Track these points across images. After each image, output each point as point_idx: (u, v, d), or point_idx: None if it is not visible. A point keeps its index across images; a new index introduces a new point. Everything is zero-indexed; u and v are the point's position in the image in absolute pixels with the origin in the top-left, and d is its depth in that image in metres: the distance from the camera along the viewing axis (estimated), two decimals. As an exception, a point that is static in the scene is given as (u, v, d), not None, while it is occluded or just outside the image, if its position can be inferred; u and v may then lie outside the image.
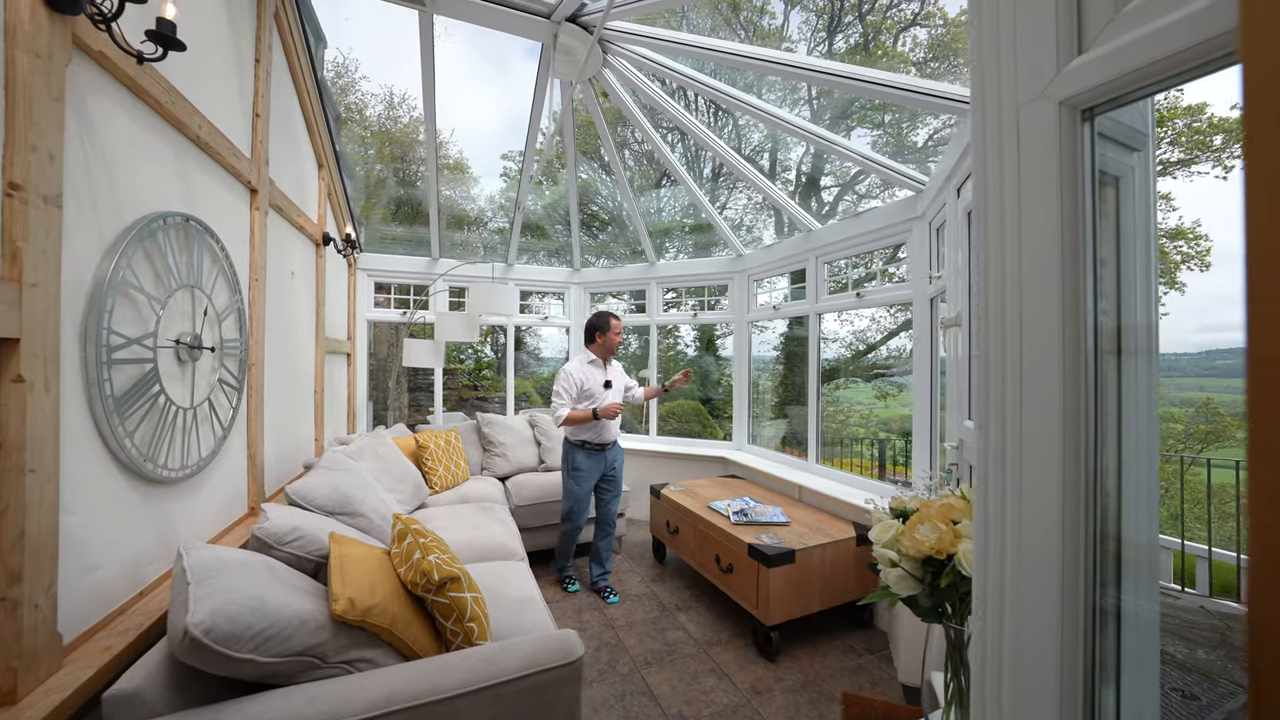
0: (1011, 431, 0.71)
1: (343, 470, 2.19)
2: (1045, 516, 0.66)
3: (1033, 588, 0.68)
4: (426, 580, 1.32)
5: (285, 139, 2.43)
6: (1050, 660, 0.65)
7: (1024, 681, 0.68)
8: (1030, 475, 0.69)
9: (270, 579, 1.27)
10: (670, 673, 2.26)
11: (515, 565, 2.21)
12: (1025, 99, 0.70)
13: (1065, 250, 0.66)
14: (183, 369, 1.59)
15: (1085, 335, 0.65)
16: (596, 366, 2.99)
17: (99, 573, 1.24)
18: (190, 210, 1.60)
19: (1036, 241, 0.70)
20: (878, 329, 9.66)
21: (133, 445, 1.34)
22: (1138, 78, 0.59)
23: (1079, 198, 0.66)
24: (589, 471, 2.91)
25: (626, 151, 9.87)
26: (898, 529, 0.96)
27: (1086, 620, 0.64)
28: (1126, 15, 0.60)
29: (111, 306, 1.25)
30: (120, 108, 1.30)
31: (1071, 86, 0.64)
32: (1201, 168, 6.68)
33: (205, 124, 1.65)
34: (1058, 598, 0.65)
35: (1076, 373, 0.65)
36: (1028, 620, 0.68)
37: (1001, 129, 0.74)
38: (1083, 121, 0.66)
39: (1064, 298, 0.66)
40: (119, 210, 1.30)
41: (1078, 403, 0.65)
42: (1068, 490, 0.65)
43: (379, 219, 5.85)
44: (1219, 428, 8.60)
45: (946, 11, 8.84)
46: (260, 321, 2.09)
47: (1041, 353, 0.68)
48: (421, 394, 7.37)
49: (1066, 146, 0.66)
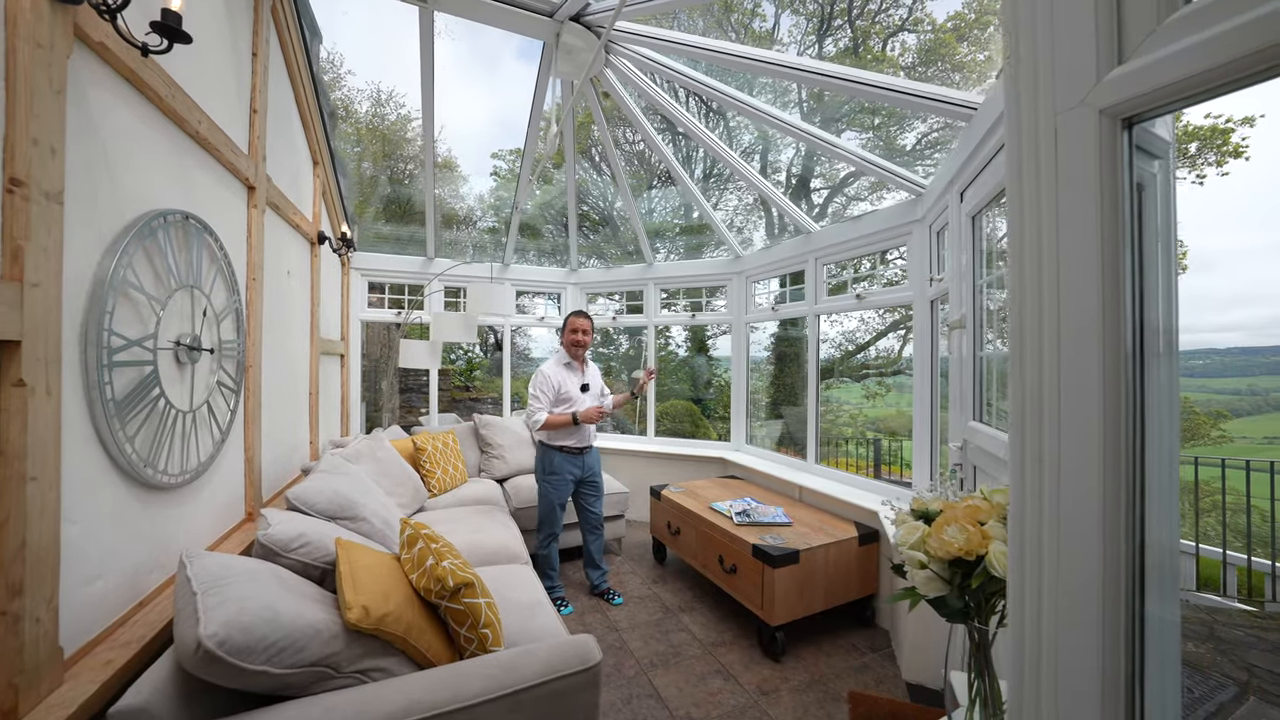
0: (1049, 433, 0.71)
1: (342, 474, 2.15)
2: (1084, 519, 0.67)
3: (1072, 591, 0.68)
4: (441, 586, 1.29)
5: (281, 135, 2.37)
6: (1092, 664, 0.66)
7: (1064, 685, 0.68)
8: (1069, 477, 0.69)
9: (280, 587, 1.24)
10: (676, 675, 2.25)
11: (520, 569, 2.19)
12: (1064, 107, 0.71)
13: (1105, 255, 0.67)
14: (182, 371, 1.54)
15: (1125, 340, 0.66)
16: (573, 370, 2.89)
17: (99, 583, 1.19)
18: (189, 208, 1.55)
19: (1075, 246, 0.70)
20: (867, 329, 9.77)
21: (133, 450, 1.29)
22: (1181, 88, 0.60)
23: (1119, 204, 0.67)
24: (567, 476, 2.80)
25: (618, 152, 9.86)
26: (924, 531, 0.97)
27: (1128, 625, 0.65)
28: (1169, 27, 0.60)
29: (112, 307, 1.20)
30: (121, 101, 1.26)
31: (1112, 95, 0.65)
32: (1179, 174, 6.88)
33: (205, 119, 1.60)
34: (1098, 601, 0.65)
35: (1117, 377, 0.66)
36: (1067, 624, 0.68)
37: (1039, 136, 0.74)
38: (1123, 130, 0.67)
39: (1104, 303, 0.66)
40: (119, 208, 1.26)
41: (1118, 406, 0.65)
42: (1108, 492, 0.65)
43: (370, 217, 5.75)
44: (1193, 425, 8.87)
45: (934, 17, 8.98)
46: (258, 322, 2.04)
47: (1080, 356, 0.69)
48: (413, 395, 7.27)
49: (1107, 154, 0.67)
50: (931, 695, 2.13)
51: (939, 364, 2.62)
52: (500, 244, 8.63)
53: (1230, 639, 2.37)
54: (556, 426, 2.74)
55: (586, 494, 2.93)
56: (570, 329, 2.88)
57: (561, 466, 2.80)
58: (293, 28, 2.40)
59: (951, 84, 8.42)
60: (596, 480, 2.95)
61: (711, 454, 4.13)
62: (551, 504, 2.81)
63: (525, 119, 3.18)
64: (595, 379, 3.00)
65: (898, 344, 9.74)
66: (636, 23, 2.67)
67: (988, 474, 1.81)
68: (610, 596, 2.90)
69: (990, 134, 1.66)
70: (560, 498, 2.82)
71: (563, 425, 2.73)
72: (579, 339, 2.87)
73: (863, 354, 9.91)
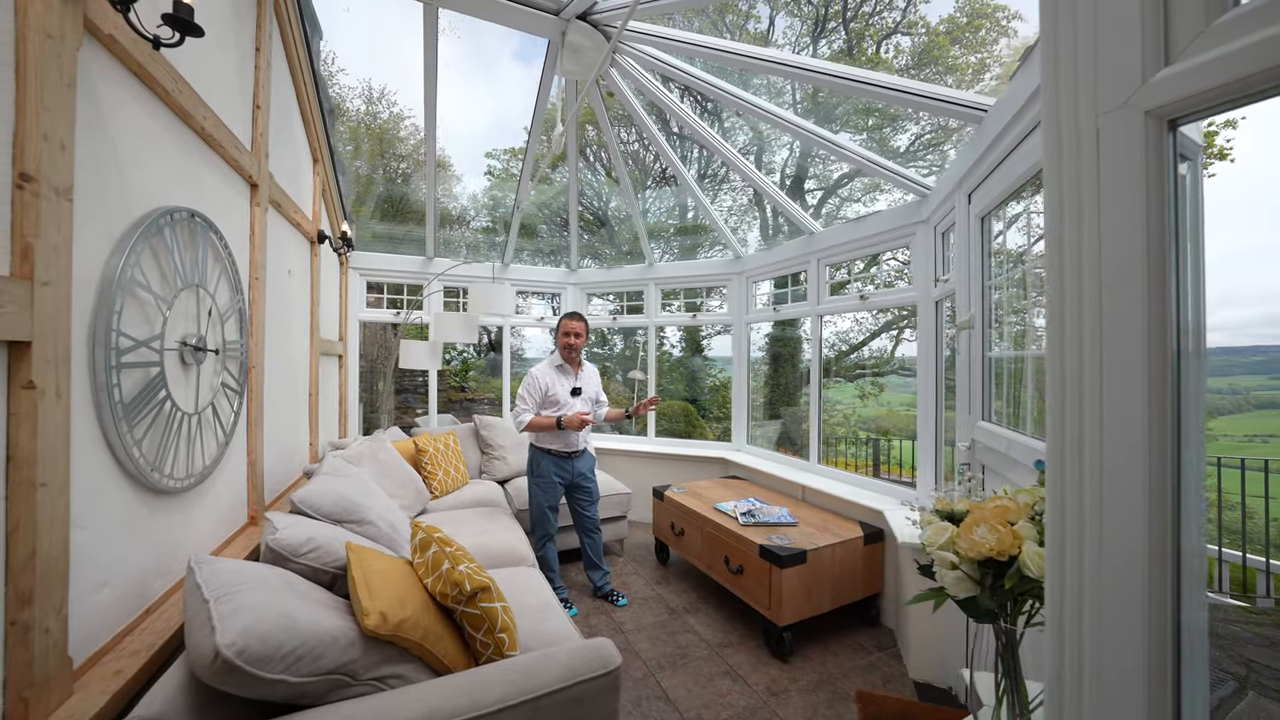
0: (1090, 434, 0.71)
1: (345, 476, 2.12)
2: (1128, 520, 0.67)
3: (1116, 591, 0.68)
4: (458, 591, 1.28)
5: (283, 132, 2.33)
6: (1137, 664, 0.66)
7: (1106, 686, 0.68)
8: (1111, 477, 0.69)
9: (293, 594, 1.21)
10: (685, 676, 2.25)
11: (528, 571, 2.17)
12: (1106, 108, 0.71)
13: (1151, 255, 0.67)
14: (187, 373, 1.50)
15: (1170, 340, 0.66)
16: (565, 372, 2.83)
17: (107, 591, 1.16)
18: (195, 206, 1.51)
19: (1118, 246, 0.70)
20: (861, 330, 9.85)
21: (140, 454, 1.26)
22: (1230, 90, 0.60)
23: (1164, 205, 0.67)
24: (554, 480, 2.75)
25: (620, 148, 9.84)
26: (954, 532, 0.97)
27: (1173, 625, 0.65)
28: (1219, 28, 0.61)
29: (121, 307, 1.17)
30: (130, 96, 1.23)
31: (1159, 97, 0.65)
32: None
33: (210, 115, 1.56)
34: (1143, 601, 0.65)
35: (1163, 380, 0.66)
36: (1110, 624, 0.68)
37: (1079, 137, 0.74)
38: (1168, 131, 0.67)
39: (1149, 303, 0.66)
40: (127, 205, 1.22)
41: (1164, 407, 0.66)
42: (1154, 493, 0.65)
43: (364, 216, 5.69)
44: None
45: (928, 20, 9.07)
46: (260, 323, 2.00)
47: (1123, 358, 0.69)
48: (410, 395, 7.20)
49: (1153, 155, 0.67)
50: (940, 694, 2.14)
51: (943, 365, 2.64)
52: (494, 244, 8.55)
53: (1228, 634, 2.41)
54: (540, 429, 2.68)
55: (579, 498, 2.87)
56: (563, 331, 2.81)
57: (547, 469, 2.76)
58: (294, 22, 2.36)
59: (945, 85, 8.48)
60: (588, 485, 2.88)
61: (712, 454, 4.13)
62: (541, 506, 2.78)
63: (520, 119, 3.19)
64: (591, 383, 2.92)
65: (890, 344, 9.83)
66: (643, 21, 2.66)
67: (997, 473, 1.83)
68: (614, 598, 2.86)
69: (1002, 136, 1.67)
70: (549, 500, 2.78)
71: (546, 428, 2.67)
72: (571, 341, 2.80)
73: (856, 354, 9.98)
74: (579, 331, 2.83)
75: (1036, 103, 1.44)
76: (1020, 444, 1.54)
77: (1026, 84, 1.47)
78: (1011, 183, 1.63)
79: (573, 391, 2.80)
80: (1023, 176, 1.56)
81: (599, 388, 3.00)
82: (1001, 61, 8.17)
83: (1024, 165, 1.53)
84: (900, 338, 9.81)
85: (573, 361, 2.85)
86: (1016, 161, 1.60)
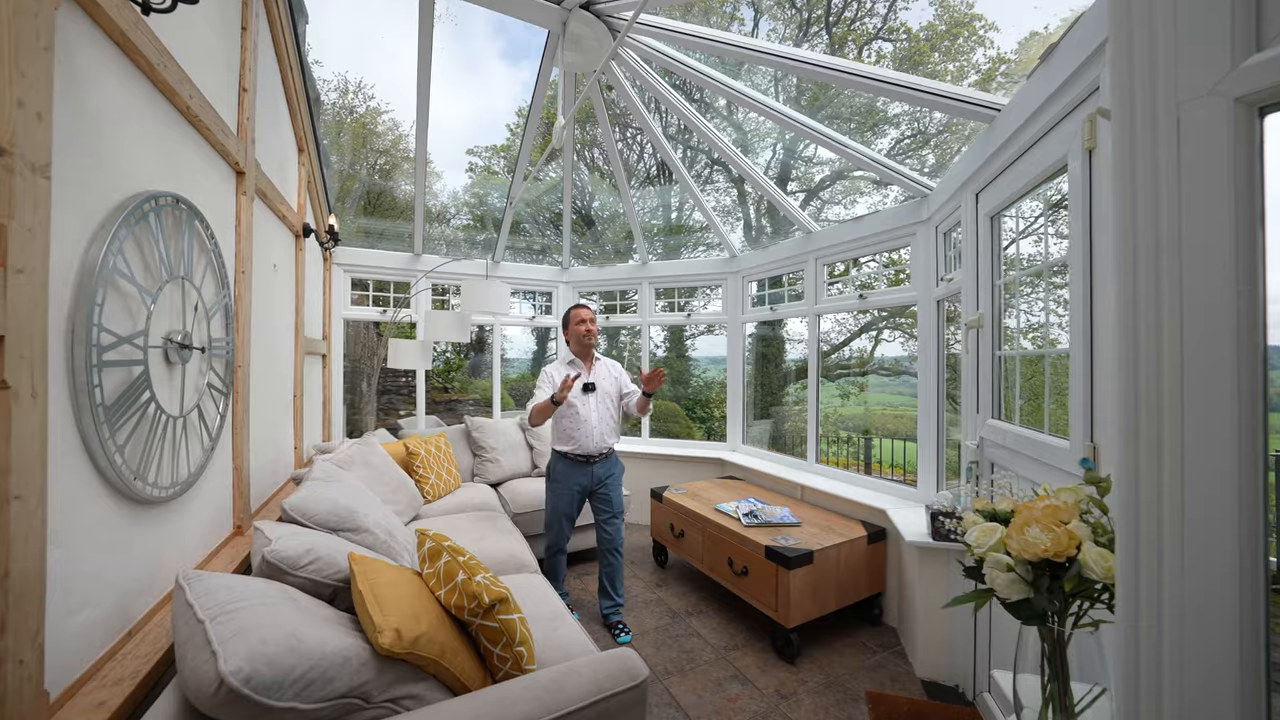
0: (1169, 438, 0.69)
1: (338, 482, 2.01)
2: (1216, 520, 0.64)
3: (1203, 595, 0.66)
4: (476, 603, 1.20)
5: (268, 118, 2.20)
6: (1230, 672, 0.63)
7: (1191, 694, 0.66)
8: (1195, 479, 0.67)
9: (296, 611, 1.12)
10: (693, 681, 2.20)
11: (533, 579, 2.09)
12: (1189, 96, 0.68)
13: (1240, 244, 0.65)
14: (171, 372, 1.39)
15: (1259, 335, 0.64)
16: (577, 367, 2.66)
17: (86, 614, 1.05)
18: (180, 191, 1.40)
19: (1202, 235, 0.68)
20: (841, 330, 9.99)
21: (123, 461, 1.14)
22: (1330, 74, 0.58)
23: (1254, 194, 0.65)
24: (567, 482, 2.56)
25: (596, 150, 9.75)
26: (1003, 532, 0.94)
27: (1265, 630, 0.63)
28: (1318, 11, 0.59)
29: (102, 299, 1.06)
30: (110, 68, 1.11)
31: (1249, 83, 0.63)
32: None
33: (196, 94, 1.45)
34: (1234, 606, 0.63)
35: (1254, 376, 0.64)
36: (1195, 631, 0.66)
37: (1156, 127, 0.72)
38: (1258, 118, 0.65)
39: (1239, 294, 0.64)
40: (108, 187, 1.11)
41: (1255, 407, 0.63)
42: (1244, 493, 0.63)
43: (347, 211, 5.49)
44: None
45: (910, 26, 9.26)
46: (246, 319, 1.88)
47: (1209, 352, 0.66)
48: (393, 396, 6.97)
49: (1242, 143, 0.65)
50: (948, 692, 2.14)
51: (944, 363, 2.66)
52: (474, 241, 8.37)
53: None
54: (539, 415, 2.42)
55: (599, 508, 2.64)
56: (576, 320, 2.62)
57: (564, 474, 2.57)
58: (281, 4, 2.23)
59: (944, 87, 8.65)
60: (609, 494, 2.62)
61: (708, 454, 4.10)
62: (557, 513, 2.58)
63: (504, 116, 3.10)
64: (607, 378, 2.68)
65: (870, 344, 10.00)
66: (647, 12, 2.60)
67: (1007, 468, 1.83)
68: (617, 630, 2.54)
69: (1017, 135, 1.67)
70: (565, 508, 2.57)
71: (544, 410, 2.41)
72: (588, 328, 2.61)
73: (836, 354, 10.12)
74: (591, 318, 2.65)
75: (1059, 100, 1.44)
76: (1041, 442, 1.54)
77: (1048, 81, 1.47)
78: (1029, 180, 1.63)
79: (585, 388, 2.60)
80: (1041, 174, 1.57)
81: (620, 381, 2.74)
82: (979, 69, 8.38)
83: (1045, 163, 1.53)
84: (879, 338, 9.99)
85: (586, 356, 2.68)
86: (1034, 160, 1.60)
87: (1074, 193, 1.37)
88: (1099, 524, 0.92)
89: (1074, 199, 1.37)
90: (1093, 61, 1.28)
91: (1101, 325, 1.27)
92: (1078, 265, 1.35)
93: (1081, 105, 1.36)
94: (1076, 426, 1.34)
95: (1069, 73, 1.36)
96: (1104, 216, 1.26)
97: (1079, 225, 1.34)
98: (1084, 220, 1.33)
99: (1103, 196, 1.27)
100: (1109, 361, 1.17)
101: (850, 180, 9.12)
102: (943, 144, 8.40)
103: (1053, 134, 1.51)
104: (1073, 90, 1.37)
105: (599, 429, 2.57)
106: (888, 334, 9.88)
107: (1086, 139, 1.31)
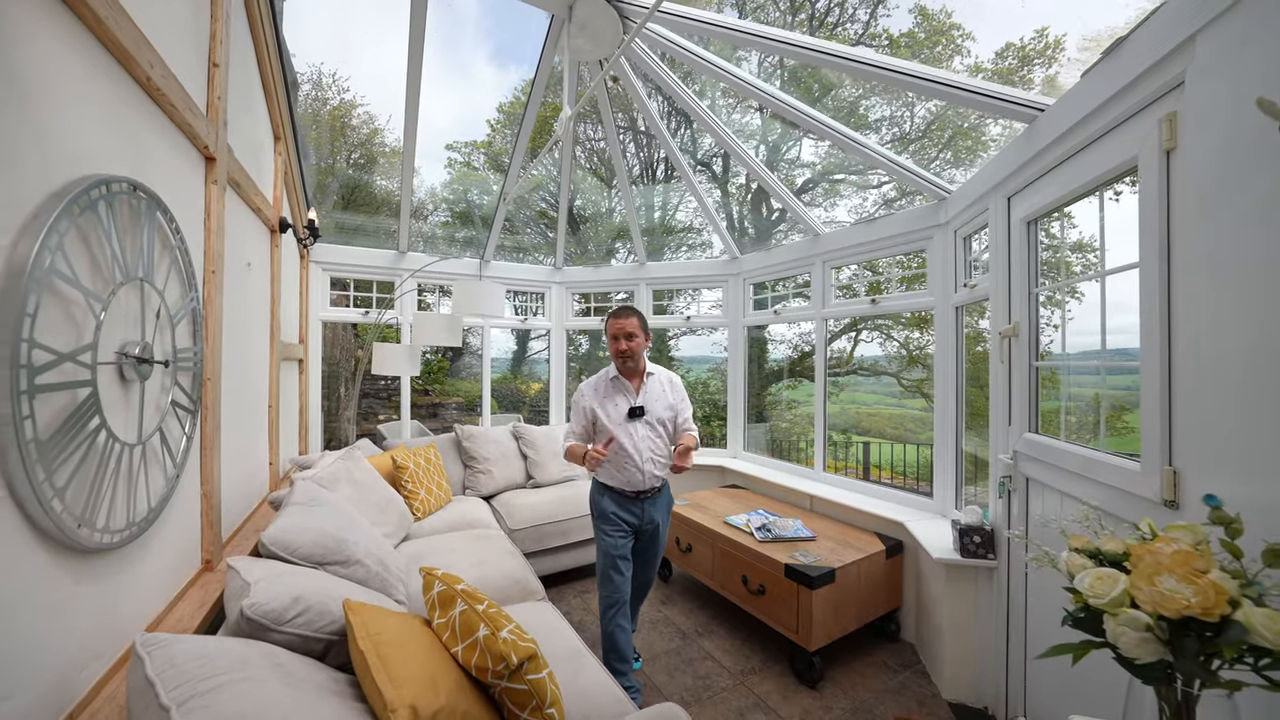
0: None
1: (321, 505, 1.80)
2: None
3: None
4: (504, 665, 1.03)
5: (242, 100, 1.96)
6: None
7: None
8: None
9: (284, 684, 0.93)
10: (713, 712, 2.06)
11: (542, 608, 1.92)
12: None
13: None
14: (127, 391, 1.17)
15: None
16: (619, 387, 2.09)
17: (9, 705, 0.84)
18: (138, 177, 1.18)
19: None
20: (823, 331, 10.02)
21: (63, 508, 0.93)
22: None
23: None
24: (620, 524, 2.06)
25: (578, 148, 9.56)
26: (1128, 582, 0.82)
27: None
28: None
29: (35, 308, 0.85)
30: (47, 22, 0.90)
31: None
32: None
33: (158, 62, 1.23)
34: None
35: None
36: None
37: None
38: None
39: None
40: (46, 170, 0.90)
41: None
42: None
43: (328, 205, 5.18)
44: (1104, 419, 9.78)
45: (891, 32, 9.33)
46: (217, 325, 1.65)
47: None
48: (373, 400, 6.62)
49: None
50: (976, 715, 2.06)
51: (964, 369, 2.58)
52: (454, 238, 8.08)
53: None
54: (571, 458, 2.07)
55: (643, 546, 2.18)
56: (610, 335, 2.07)
57: (608, 511, 2.07)
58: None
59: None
60: (656, 533, 2.15)
61: (709, 461, 3.97)
62: (610, 557, 2.04)
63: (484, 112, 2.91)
64: (659, 401, 2.10)
65: (849, 345, 10.08)
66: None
67: (1044, 485, 1.75)
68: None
69: (1065, 138, 1.58)
70: (617, 549, 2.04)
71: (574, 458, 2.04)
72: (623, 347, 2.04)
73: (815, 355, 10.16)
74: (631, 331, 2.04)
75: (1126, 99, 1.34)
76: (1100, 462, 1.45)
77: (1110, 79, 1.38)
78: (1081, 184, 1.53)
79: (631, 412, 2.04)
80: (1098, 178, 1.47)
81: (677, 406, 2.14)
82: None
83: (1104, 165, 1.44)
84: (858, 339, 10.08)
85: (630, 372, 2.11)
86: (1088, 162, 1.51)
87: (1147, 196, 1.27)
88: (1238, 572, 0.81)
89: (1147, 203, 1.27)
90: (1174, 57, 1.18)
91: (1183, 335, 1.16)
92: (1152, 271, 1.25)
93: (1155, 103, 1.27)
94: (1150, 448, 1.25)
95: (1142, 69, 1.26)
96: (1186, 220, 1.16)
97: (1154, 230, 1.24)
98: (1160, 225, 1.23)
99: (1184, 200, 1.17)
100: (1208, 379, 1.07)
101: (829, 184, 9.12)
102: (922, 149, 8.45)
103: (1114, 135, 1.41)
104: (1145, 88, 1.28)
105: (650, 461, 2.05)
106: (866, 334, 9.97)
107: (1166, 139, 1.21)
